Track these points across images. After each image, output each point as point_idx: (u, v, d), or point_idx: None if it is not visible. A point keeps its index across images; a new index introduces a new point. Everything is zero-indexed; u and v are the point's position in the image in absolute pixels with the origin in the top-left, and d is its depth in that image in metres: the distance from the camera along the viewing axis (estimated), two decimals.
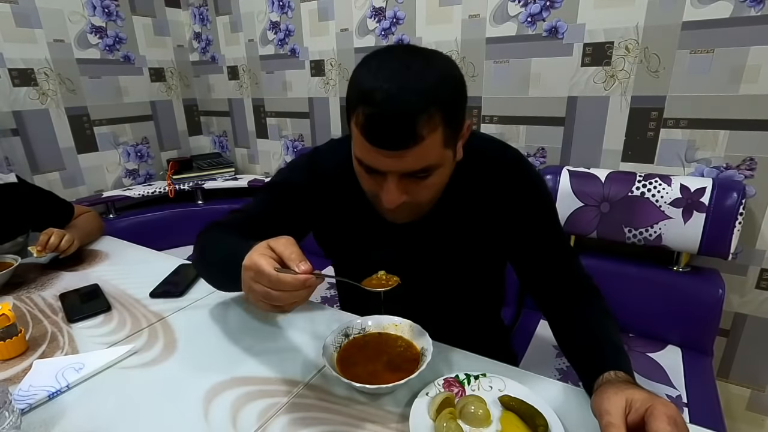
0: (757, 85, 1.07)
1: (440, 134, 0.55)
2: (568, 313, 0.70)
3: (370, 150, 0.56)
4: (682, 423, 0.44)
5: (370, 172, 0.60)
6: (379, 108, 0.52)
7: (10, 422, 0.51)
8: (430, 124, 0.53)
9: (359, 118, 0.55)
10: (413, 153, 0.54)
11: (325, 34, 1.72)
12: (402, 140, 0.53)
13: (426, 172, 0.58)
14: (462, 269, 0.77)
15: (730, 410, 1.33)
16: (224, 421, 0.57)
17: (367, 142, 0.55)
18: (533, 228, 0.73)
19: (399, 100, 0.52)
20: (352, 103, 0.57)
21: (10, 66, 1.58)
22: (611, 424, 0.46)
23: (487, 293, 0.88)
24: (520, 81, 1.38)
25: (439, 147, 0.56)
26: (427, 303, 0.78)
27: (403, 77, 0.53)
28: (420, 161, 0.56)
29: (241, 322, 0.80)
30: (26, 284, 0.99)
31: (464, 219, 0.72)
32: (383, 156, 0.55)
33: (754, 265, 1.20)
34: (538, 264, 0.75)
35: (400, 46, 0.58)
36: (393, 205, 0.59)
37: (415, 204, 0.63)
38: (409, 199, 0.60)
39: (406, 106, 0.52)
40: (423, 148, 0.54)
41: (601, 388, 0.52)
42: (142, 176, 2.09)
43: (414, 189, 0.60)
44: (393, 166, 0.56)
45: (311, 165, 0.77)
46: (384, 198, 0.60)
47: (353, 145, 0.60)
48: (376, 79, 0.53)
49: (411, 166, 0.56)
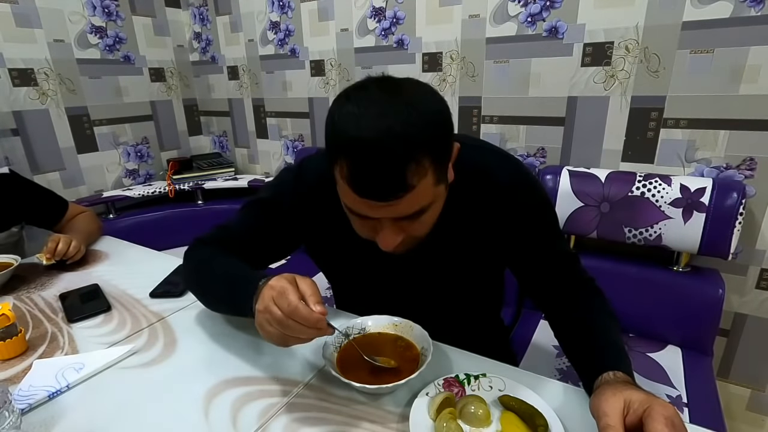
0: (757, 85, 1.07)
1: (431, 177, 0.53)
2: (569, 314, 0.70)
3: (359, 201, 0.53)
4: (680, 424, 0.44)
5: (362, 218, 0.58)
6: (364, 160, 0.49)
7: (10, 422, 0.51)
8: (419, 171, 0.50)
9: (343, 170, 0.51)
10: (405, 201, 0.52)
11: (325, 34, 1.72)
12: (392, 191, 0.51)
13: (420, 213, 0.56)
14: (461, 277, 0.77)
15: (730, 410, 1.33)
16: (224, 421, 0.57)
17: (354, 194, 0.52)
18: (532, 240, 0.72)
19: (384, 150, 0.48)
20: (332, 151, 0.53)
21: (10, 66, 1.58)
22: (609, 426, 0.46)
23: (486, 295, 0.88)
24: (520, 81, 1.38)
25: (430, 189, 0.54)
26: (428, 304, 0.78)
27: (385, 122, 0.49)
28: (413, 206, 0.54)
29: (241, 322, 0.80)
30: (26, 284, 0.99)
31: (462, 230, 0.71)
32: (373, 206, 0.53)
33: (754, 265, 1.20)
34: (538, 272, 0.74)
35: (375, 82, 0.54)
36: (390, 248, 0.58)
37: (412, 239, 0.61)
38: (406, 236, 0.59)
39: (392, 157, 0.49)
40: (414, 195, 0.52)
41: (600, 388, 0.52)
42: (142, 176, 2.09)
43: (410, 227, 0.58)
44: (385, 213, 0.54)
45: (297, 181, 0.75)
46: (381, 242, 0.58)
47: (340, 193, 0.57)
48: (357, 127, 0.49)
49: (404, 212, 0.54)
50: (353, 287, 0.87)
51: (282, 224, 0.76)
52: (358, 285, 0.84)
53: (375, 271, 0.75)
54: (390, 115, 0.49)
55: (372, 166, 0.49)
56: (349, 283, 0.87)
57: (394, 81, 0.55)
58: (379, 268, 0.74)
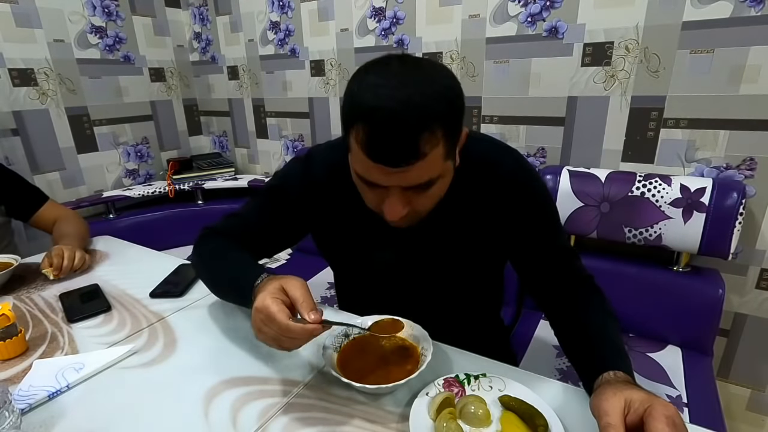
0: (757, 85, 1.07)
1: (441, 148, 0.55)
2: (569, 313, 0.70)
3: (372, 167, 0.55)
4: (680, 424, 0.44)
5: (371, 186, 0.60)
6: (381, 126, 0.52)
7: (10, 422, 0.51)
8: (432, 140, 0.53)
9: (359, 135, 0.53)
10: (416, 168, 0.54)
11: (325, 34, 1.72)
12: (404, 157, 0.53)
13: (428, 185, 0.58)
14: (461, 269, 0.77)
15: (730, 410, 1.33)
16: (224, 421, 0.57)
17: (368, 159, 0.54)
18: (533, 233, 0.73)
19: (401, 118, 0.51)
20: (350, 118, 0.55)
21: (10, 66, 1.58)
22: (610, 425, 0.46)
23: (486, 293, 0.88)
24: (520, 81, 1.38)
25: (440, 160, 0.56)
26: (428, 302, 0.78)
27: (404, 94, 0.51)
28: (422, 176, 0.56)
29: (240, 322, 0.80)
30: (26, 284, 0.99)
31: (464, 220, 0.72)
32: (385, 172, 0.55)
33: (754, 265, 1.20)
34: (538, 266, 0.75)
35: (395, 57, 0.57)
36: (396, 217, 0.59)
37: (416, 214, 0.62)
38: (411, 209, 0.60)
39: (408, 125, 0.51)
40: (425, 164, 0.54)
41: (600, 388, 0.52)
42: (142, 176, 2.09)
43: (416, 200, 0.60)
44: (395, 181, 0.56)
45: (305, 171, 0.77)
46: (387, 211, 0.60)
47: (352, 160, 0.60)
48: (376, 96, 0.52)
49: (413, 181, 0.56)
50: (356, 280, 0.87)
51: (290, 213, 0.77)
52: (362, 277, 0.85)
53: (379, 261, 0.76)
54: (409, 86, 0.52)
55: (388, 131, 0.52)
56: (353, 275, 0.88)
57: (413, 58, 0.57)
58: (384, 259, 0.75)
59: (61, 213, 1.25)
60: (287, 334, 0.54)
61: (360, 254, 0.78)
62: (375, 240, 0.74)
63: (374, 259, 0.77)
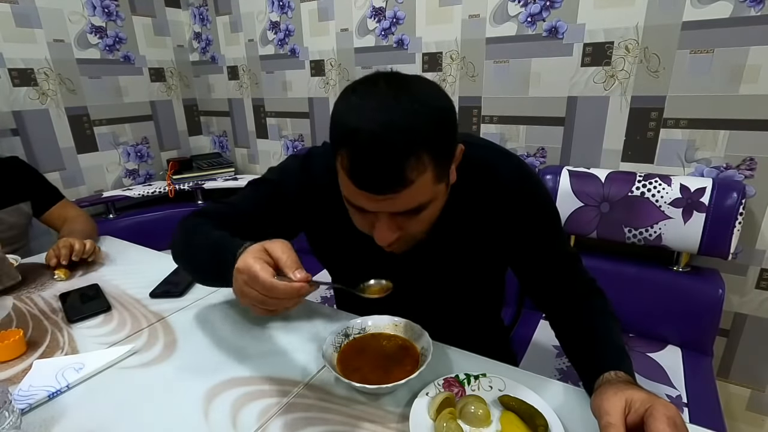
0: (757, 85, 1.07)
1: (430, 173, 0.52)
2: (570, 315, 0.70)
3: (357, 193, 0.53)
4: (681, 424, 0.44)
5: (360, 210, 0.58)
6: (363, 151, 0.49)
7: (10, 422, 0.51)
8: (418, 167, 0.50)
9: (343, 160, 0.51)
10: (403, 196, 0.52)
11: (325, 34, 1.72)
12: (389, 185, 0.50)
13: (418, 210, 0.56)
14: (462, 278, 0.77)
15: (730, 410, 1.34)
16: (224, 421, 0.57)
17: (353, 185, 0.52)
18: (535, 240, 0.71)
19: (384, 142, 0.48)
20: (334, 142, 0.54)
21: (10, 66, 1.58)
22: (610, 425, 0.46)
23: (487, 297, 0.88)
24: (520, 81, 1.38)
25: (429, 185, 0.54)
26: (428, 304, 0.78)
27: (388, 115, 0.49)
28: (410, 202, 0.54)
29: (241, 322, 0.80)
30: (26, 284, 0.99)
31: (465, 229, 0.71)
32: (371, 199, 0.53)
33: (754, 265, 1.20)
34: (540, 272, 0.74)
35: (382, 76, 0.54)
36: (386, 243, 0.58)
37: (410, 237, 0.60)
38: (403, 234, 0.58)
39: (392, 150, 0.48)
40: (412, 191, 0.51)
41: (601, 388, 0.52)
42: (142, 176, 2.09)
43: (407, 224, 0.58)
44: (382, 207, 0.54)
45: (303, 172, 0.75)
46: (377, 237, 0.58)
47: (341, 184, 0.57)
48: (358, 118, 0.50)
49: (401, 207, 0.54)
50: (352, 282, 0.86)
51: (284, 211, 0.75)
52: (359, 282, 0.83)
53: (376, 268, 0.75)
54: (393, 108, 0.49)
55: (371, 157, 0.49)
56: (349, 279, 0.87)
57: (401, 76, 0.54)
58: (381, 266, 0.74)
59: (72, 213, 1.28)
60: (273, 294, 0.50)
61: (356, 261, 0.75)
62: (371, 248, 0.66)
63: (371, 267, 0.73)
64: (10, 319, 0.84)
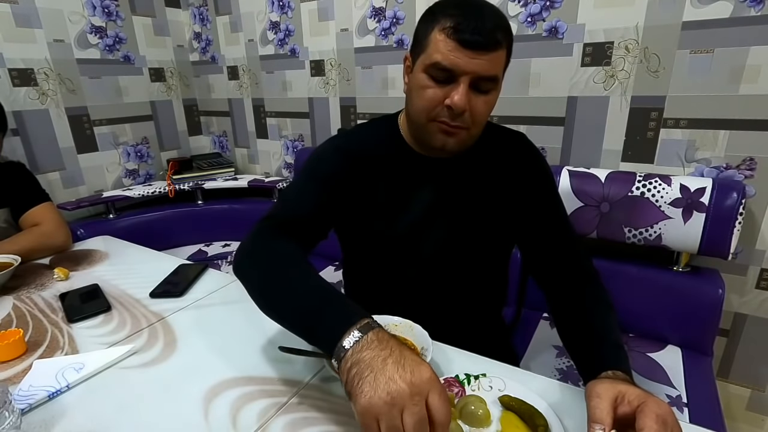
0: (757, 85, 1.07)
1: (505, 54, 0.66)
2: (570, 303, 0.72)
3: (456, 51, 0.62)
4: (672, 422, 0.44)
5: (441, 82, 0.65)
6: (471, 16, 0.61)
7: (10, 422, 0.51)
8: (505, 37, 0.64)
9: (447, 24, 0.62)
10: (490, 57, 0.63)
11: (325, 34, 1.72)
12: (487, 42, 0.61)
13: (492, 82, 0.65)
14: (477, 243, 0.80)
15: (730, 410, 1.33)
16: (224, 421, 0.57)
17: (453, 41, 0.62)
18: (545, 209, 0.79)
19: (485, 14, 0.62)
20: (435, 15, 0.64)
21: (10, 66, 1.58)
22: (598, 407, 0.46)
23: (490, 289, 0.88)
24: (520, 81, 1.38)
25: (503, 63, 0.66)
26: (433, 296, 0.79)
27: (483, 5, 0.64)
28: (493, 67, 0.64)
29: (241, 322, 0.80)
30: (26, 284, 0.99)
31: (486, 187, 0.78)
32: (466, 56, 0.62)
33: (754, 265, 1.20)
34: (545, 242, 0.79)
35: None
36: (462, 103, 0.64)
37: (469, 123, 0.67)
38: (469, 110, 0.66)
39: (492, 16, 0.63)
40: (497, 56, 0.64)
41: (597, 380, 0.53)
42: (142, 176, 2.09)
43: (475, 102, 0.66)
44: (472, 66, 0.63)
45: (345, 150, 0.77)
46: (455, 99, 0.64)
47: (427, 56, 0.65)
48: (457, 1, 0.64)
49: (486, 70, 0.63)
50: (367, 264, 0.87)
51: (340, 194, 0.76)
52: (373, 259, 0.85)
53: (394, 240, 0.79)
54: (485, 5, 0.65)
55: (478, 19, 0.62)
56: (364, 257, 0.87)
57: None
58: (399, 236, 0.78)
59: (40, 218, 1.20)
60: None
61: (377, 232, 0.79)
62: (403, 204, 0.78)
63: (391, 238, 0.78)
64: (10, 319, 0.84)
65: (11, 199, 1.22)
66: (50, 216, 1.22)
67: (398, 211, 0.78)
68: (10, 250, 1.03)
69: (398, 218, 0.78)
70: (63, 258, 1.15)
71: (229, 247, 1.93)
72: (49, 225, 1.20)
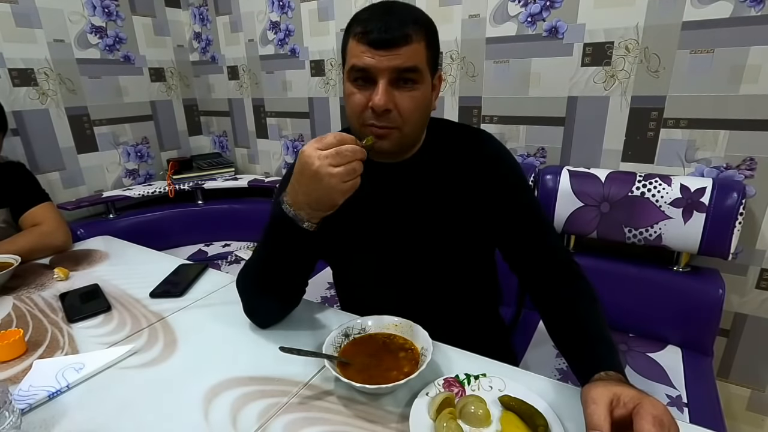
0: (757, 85, 1.07)
1: (423, 47, 0.65)
2: (553, 300, 0.71)
3: (366, 51, 0.64)
4: (669, 423, 0.44)
5: (361, 83, 0.66)
6: (378, 17, 0.64)
7: (10, 422, 0.51)
8: (417, 31, 0.64)
9: (358, 29, 0.65)
10: (403, 51, 0.63)
11: (325, 34, 1.72)
12: (395, 39, 0.62)
13: (413, 73, 0.65)
14: (454, 254, 0.78)
15: (730, 410, 1.33)
16: (224, 421, 0.57)
17: (363, 45, 0.64)
18: (508, 198, 0.76)
19: (393, 12, 0.64)
20: (351, 26, 0.68)
21: (10, 66, 1.58)
22: (595, 413, 0.46)
23: (480, 286, 0.88)
24: (520, 81, 1.38)
25: (423, 55, 0.66)
26: (426, 299, 0.79)
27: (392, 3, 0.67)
28: (409, 59, 0.64)
29: (241, 322, 0.80)
30: (26, 284, 0.99)
31: (450, 192, 0.75)
32: (378, 55, 0.63)
33: (754, 265, 1.20)
34: (517, 239, 0.77)
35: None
36: (381, 102, 0.64)
37: (399, 122, 0.67)
38: (395, 108, 0.65)
39: (398, 16, 0.64)
40: (411, 49, 0.63)
41: (591, 383, 0.53)
42: (142, 176, 2.09)
43: (400, 99, 0.66)
44: (385, 63, 0.63)
45: None
46: (375, 99, 0.64)
47: (347, 64, 0.68)
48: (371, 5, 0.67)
49: (401, 63, 0.63)
50: (354, 275, 0.87)
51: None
52: (359, 270, 0.85)
53: (375, 248, 0.78)
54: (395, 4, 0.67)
55: (382, 17, 0.64)
56: (344, 273, 0.89)
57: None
58: (375, 237, 0.77)
59: (40, 218, 1.20)
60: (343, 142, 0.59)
61: (358, 246, 0.79)
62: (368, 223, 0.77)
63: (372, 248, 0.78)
64: (10, 319, 0.84)
65: (11, 199, 1.22)
66: (50, 216, 1.22)
67: (362, 224, 0.77)
68: (10, 250, 1.04)
69: (363, 232, 0.77)
70: (63, 258, 1.15)
71: (229, 247, 1.93)
72: (49, 225, 1.20)
